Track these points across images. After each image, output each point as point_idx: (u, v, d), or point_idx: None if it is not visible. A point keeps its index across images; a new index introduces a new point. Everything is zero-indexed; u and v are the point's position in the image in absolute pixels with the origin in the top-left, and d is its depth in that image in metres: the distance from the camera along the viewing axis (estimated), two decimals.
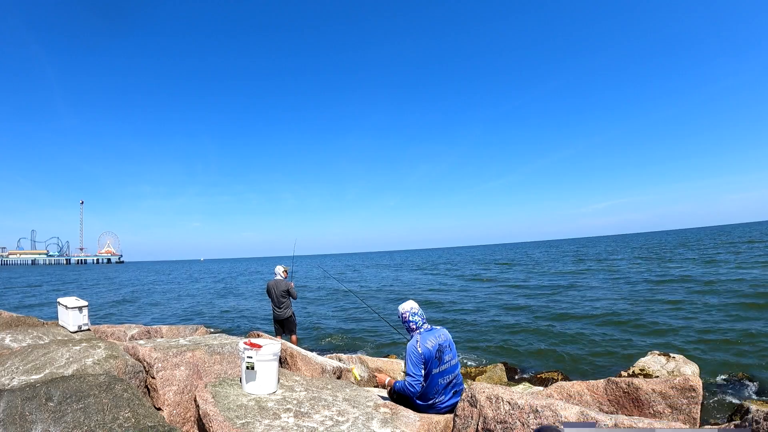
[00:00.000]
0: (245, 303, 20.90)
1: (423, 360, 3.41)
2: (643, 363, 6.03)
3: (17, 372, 3.43)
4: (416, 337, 3.52)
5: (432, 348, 3.45)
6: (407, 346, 3.52)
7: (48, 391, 2.92)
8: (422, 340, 3.48)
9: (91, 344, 4.14)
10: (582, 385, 3.54)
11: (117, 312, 19.05)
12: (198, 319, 15.80)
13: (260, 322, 14.86)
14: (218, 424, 2.76)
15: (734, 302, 12.40)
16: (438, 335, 3.58)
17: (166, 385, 3.43)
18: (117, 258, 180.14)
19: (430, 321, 3.83)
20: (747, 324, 9.86)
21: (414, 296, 20.07)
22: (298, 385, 3.62)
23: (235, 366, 3.84)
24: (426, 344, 3.45)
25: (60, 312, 5.54)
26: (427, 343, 3.46)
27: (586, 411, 2.52)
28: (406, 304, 3.76)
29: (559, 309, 13.71)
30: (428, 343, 3.46)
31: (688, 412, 3.09)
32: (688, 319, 10.92)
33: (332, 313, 16.16)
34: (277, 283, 7.79)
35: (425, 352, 3.42)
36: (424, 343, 3.46)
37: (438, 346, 3.48)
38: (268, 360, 3.32)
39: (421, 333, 3.55)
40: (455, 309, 15.28)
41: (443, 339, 3.58)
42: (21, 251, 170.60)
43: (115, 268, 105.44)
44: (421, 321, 3.65)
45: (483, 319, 12.99)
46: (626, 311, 12.49)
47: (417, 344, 3.45)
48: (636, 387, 3.25)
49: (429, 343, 3.47)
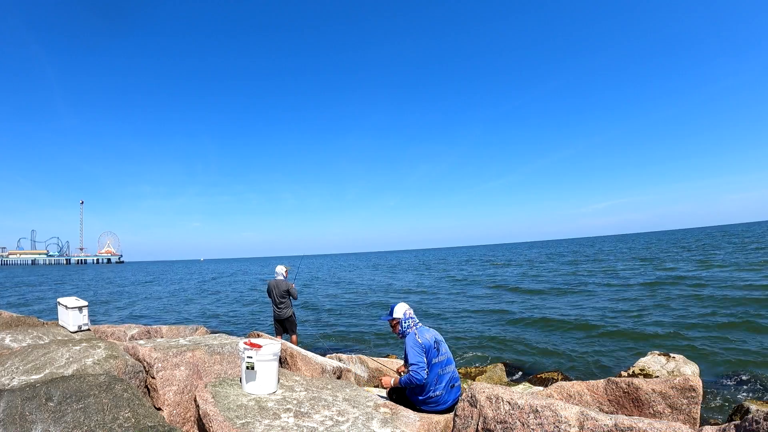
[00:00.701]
0: (245, 303, 20.90)
1: (424, 349, 3.62)
2: (643, 363, 6.03)
3: (17, 372, 3.43)
4: (414, 332, 3.75)
5: (430, 339, 3.69)
6: (406, 340, 3.73)
7: (48, 391, 2.92)
8: (420, 333, 3.72)
9: (91, 344, 4.14)
10: (582, 385, 3.54)
11: (117, 312, 19.05)
12: (198, 319, 15.80)
13: (260, 322, 14.86)
14: (218, 424, 2.76)
15: (734, 302, 12.40)
16: (431, 331, 3.84)
17: (166, 385, 3.43)
18: (117, 258, 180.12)
19: (427, 321, 3.88)
20: (747, 324, 9.86)
21: (414, 296, 20.07)
22: (298, 385, 3.62)
23: (235, 366, 3.84)
24: (424, 336, 3.70)
25: (60, 312, 5.54)
26: (425, 336, 3.71)
27: (586, 411, 2.52)
28: (401, 305, 3.94)
29: (559, 309, 13.71)
30: (426, 336, 3.71)
31: (688, 412, 3.09)
32: (687, 319, 10.92)
33: (332, 313, 16.15)
34: (278, 283, 7.79)
35: (425, 343, 3.64)
36: (423, 335, 3.70)
37: (434, 338, 3.74)
38: (268, 360, 3.32)
39: (418, 329, 3.79)
40: (455, 309, 15.27)
41: (437, 335, 3.85)
42: (21, 251, 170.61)
43: (115, 268, 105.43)
44: (415, 320, 3.89)
45: (482, 319, 12.99)
46: (626, 311, 12.49)
47: (416, 336, 3.69)
48: (636, 387, 3.25)
49: (426, 335, 3.72)
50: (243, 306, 19.77)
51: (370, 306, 17.51)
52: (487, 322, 12.56)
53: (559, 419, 2.49)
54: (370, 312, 15.90)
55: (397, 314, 3.87)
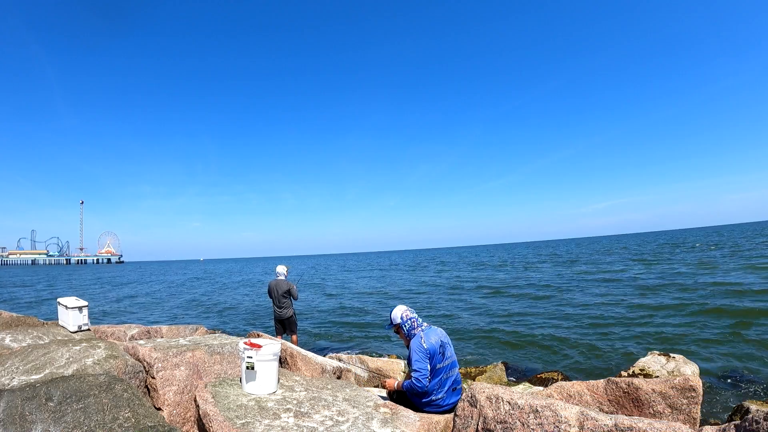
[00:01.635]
0: (244, 303, 20.89)
1: (428, 355, 3.51)
2: (643, 363, 6.03)
3: (17, 372, 3.43)
4: (419, 334, 3.61)
5: (435, 343, 3.56)
6: (411, 343, 3.60)
7: (48, 391, 2.92)
8: (426, 337, 3.58)
9: (91, 344, 4.14)
10: (582, 385, 3.54)
11: (116, 312, 19.05)
12: (198, 319, 15.80)
13: (260, 322, 14.86)
14: (218, 424, 2.76)
15: (734, 302, 12.40)
16: (438, 332, 3.70)
17: (166, 385, 3.43)
18: (117, 258, 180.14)
19: (427, 321, 3.85)
20: (747, 324, 9.86)
21: (414, 296, 20.08)
22: (298, 385, 3.62)
23: (235, 366, 3.84)
24: (430, 340, 3.56)
25: (60, 312, 5.54)
26: (431, 339, 3.58)
27: (586, 411, 2.52)
28: (398, 309, 3.82)
29: (559, 309, 13.71)
30: (432, 339, 3.58)
31: (688, 412, 3.09)
32: (687, 319, 10.93)
33: (332, 313, 16.16)
34: (279, 283, 7.79)
35: (430, 348, 3.52)
36: (428, 339, 3.57)
37: (440, 342, 3.60)
38: (268, 360, 3.32)
39: (423, 331, 3.66)
40: (455, 308, 15.28)
41: (443, 336, 3.71)
42: (21, 251, 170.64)
43: (115, 268, 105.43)
44: (418, 321, 3.76)
45: (482, 319, 12.99)
46: (626, 311, 12.49)
47: (422, 340, 3.55)
48: (636, 387, 3.25)
49: (432, 338, 3.58)
50: (243, 306, 19.76)
51: (370, 306, 17.51)
52: (487, 321, 12.56)
53: (559, 419, 2.49)
54: (371, 312, 15.91)
55: (395, 320, 3.78)
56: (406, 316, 3.75)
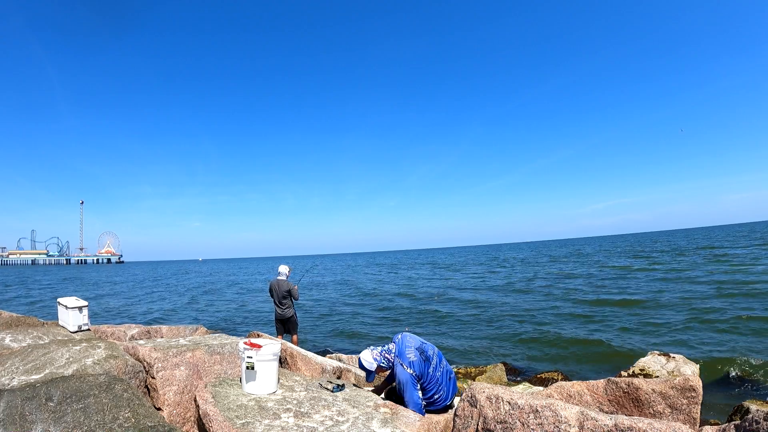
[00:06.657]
0: (245, 303, 20.89)
1: (416, 376, 3.43)
2: (643, 363, 6.02)
3: (17, 372, 3.43)
4: (397, 362, 3.48)
5: (416, 356, 3.48)
6: (397, 373, 3.46)
7: (48, 391, 2.92)
8: (404, 360, 3.46)
9: (91, 344, 4.13)
10: (582, 385, 3.54)
11: (116, 312, 19.05)
12: (198, 319, 15.80)
13: (260, 322, 14.86)
14: (218, 424, 2.76)
15: (734, 302, 12.40)
16: (407, 341, 3.60)
17: (166, 385, 3.43)
18: (117, 258, 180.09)
19: (427, 321, 3.82)
20: (746, 324, 9.87)
21: (414, 296, 20.06)
22: (298, 385, 3.62)
23: (235, 366, 3.84)
24: (409, 358, 3.46)
25: (60, 312, 5.53)
26: (410, 356, 3.47)
27: (586, 411, 2.52)
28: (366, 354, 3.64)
29: (558, 309, 13.71)
30: (410, 356, 3.48)
31: (688, 412, 3.09)
32: (687, 318, 10.92)
33: (333, 313, 16.15)
34: (279, 283, 7.78)
35: (415, 367, 3.44)
36: (408, 357, 3.46)
37: (417, 355, 3.50)
38: (268, 360, 3.32)
39: (399, 355, 3.51)
40: (454, 308, 15.27)
41: (416, 341, 3.63)
42: (21, 251, 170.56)
43: (115, 268, 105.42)
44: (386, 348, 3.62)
45: (482, 319, 12.98)
46: (626, 311, 12.49)
47: (403, 367, 3.44)
48: (636, 387, 3.25)
49: (410, 355, 3.48)
50: (243, 306, 19.76)
51: (370, 306, 17.51)
52: (487, 321, 12.56)
53: (559, 419, 2.49)
54: (371, 312, 15.90)
55: (371, 366, 3.56)
56: (375, 354, 3.59)
